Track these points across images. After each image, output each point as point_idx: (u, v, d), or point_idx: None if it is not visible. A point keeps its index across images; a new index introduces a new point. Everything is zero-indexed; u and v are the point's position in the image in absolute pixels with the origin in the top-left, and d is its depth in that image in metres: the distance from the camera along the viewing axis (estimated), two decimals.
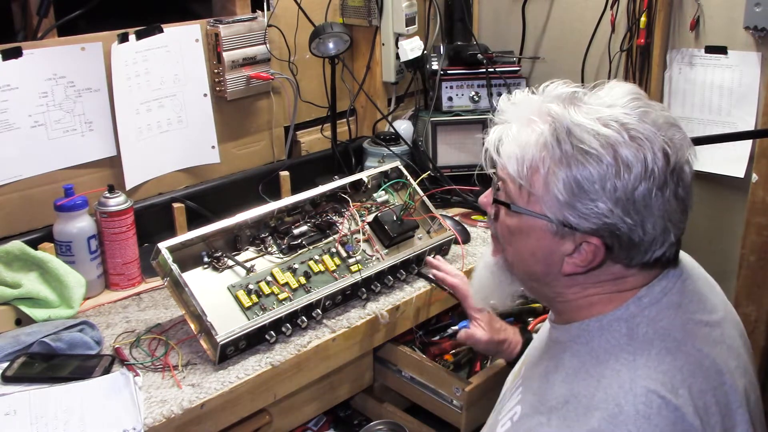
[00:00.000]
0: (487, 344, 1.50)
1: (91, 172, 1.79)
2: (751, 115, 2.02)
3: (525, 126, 1.00)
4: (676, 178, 0.96)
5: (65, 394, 1.28)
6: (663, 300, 1.01)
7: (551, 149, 0.96)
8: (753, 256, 2.01)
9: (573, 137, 0.95)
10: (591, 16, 2.25)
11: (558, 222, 0.97)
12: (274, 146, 2.16)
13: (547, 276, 1.04)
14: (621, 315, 1.01)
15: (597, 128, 0.94)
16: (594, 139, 0.94)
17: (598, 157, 0.93)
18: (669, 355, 0.96)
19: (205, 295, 1.39)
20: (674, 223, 0.97)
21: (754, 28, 1.95)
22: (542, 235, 1.00)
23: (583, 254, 0.99)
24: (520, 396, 1.09)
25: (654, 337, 0.98)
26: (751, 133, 2.04)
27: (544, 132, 0.97)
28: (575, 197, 0.95)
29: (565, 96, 1.00)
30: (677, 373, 0.94)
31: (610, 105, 0.98)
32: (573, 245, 0.98)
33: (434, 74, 2.24)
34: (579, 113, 0.97)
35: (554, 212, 0.97)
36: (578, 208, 0.95)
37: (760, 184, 1.97)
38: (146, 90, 1.85)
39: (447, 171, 2.16)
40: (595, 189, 0.94)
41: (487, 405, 1.54)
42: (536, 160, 0.97)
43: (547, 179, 0.96)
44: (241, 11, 2.01)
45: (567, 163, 0.95)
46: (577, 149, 0.94)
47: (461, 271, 1.71)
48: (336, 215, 1.66)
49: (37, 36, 1.68)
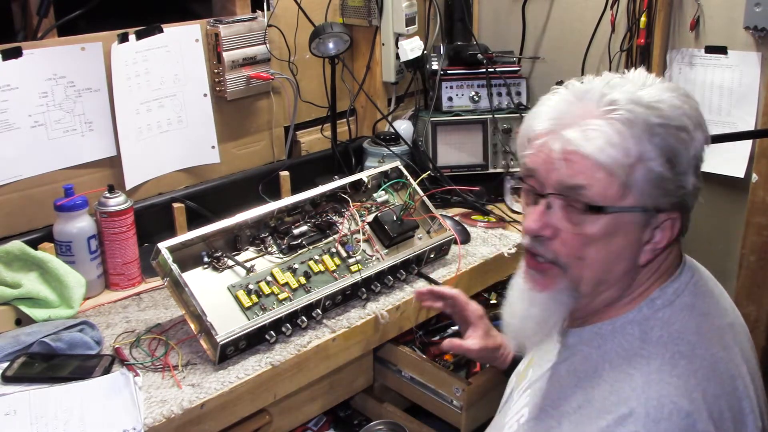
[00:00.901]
0: (479, 353, 1.45)
1: (91, 172, 1.79)
2: (751, 115, 2.02)
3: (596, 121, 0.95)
4: None
5: (65, 394, 1.28)
6: (676, 302, 1.00)
7: (640, 131, 0.93)
8: (753, 256, 2.01)
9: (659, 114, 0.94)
10: (591, 16, 2.25)
11: (651, 208, 0.96)
12: (274, 146, 2.16)
13: (620, 276, 1.00)
14: (634, 317, 1.00)
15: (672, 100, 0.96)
16: (673, 111, 0.95)
17: (683, 127, 0.95)
18: (683, 359, 0.95)
19: (205, 295, 1.39)
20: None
21: (754, 28, 1.95)
22: (629, 230, 0.97)
23: (660, 235, 0.98)
24: (527, 399, 1.09)
25: (668, 341, 0.96)
26: (751, 133, 2.04)
27: (628, 119, 0.94)
28: (669, 174, 0.95)
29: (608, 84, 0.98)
30: (691, 378, 0.93)
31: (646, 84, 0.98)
32: (651, 230, 0.98)
33: (434, 74, 2.24)
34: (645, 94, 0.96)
35: (647, 199, 0.95)
36: (668, 187, 0.95)
37: (760, 184, 1.97)
38: (146, 90, 1.85)
39: (447, 171, 2.16)
40: (685, 161, 0.95)
41: (487, 405, 1.55)
42: (632, 146, 0.93)
43: (645, 163, 0.93)
44: (241, 11, 2.01)
45: (663, 144, 0.94)
46: (666, 127, 0.94)
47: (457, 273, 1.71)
48: (336, 215, 1.65)
49: (37, 36, 1.68)
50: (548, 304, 1.03)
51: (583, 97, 0.98)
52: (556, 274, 1.02)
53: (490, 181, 2.14)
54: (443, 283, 1.68)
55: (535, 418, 1.03)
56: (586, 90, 0.98)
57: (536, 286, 1.04)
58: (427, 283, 1.67)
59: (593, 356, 1.01)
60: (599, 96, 0.96)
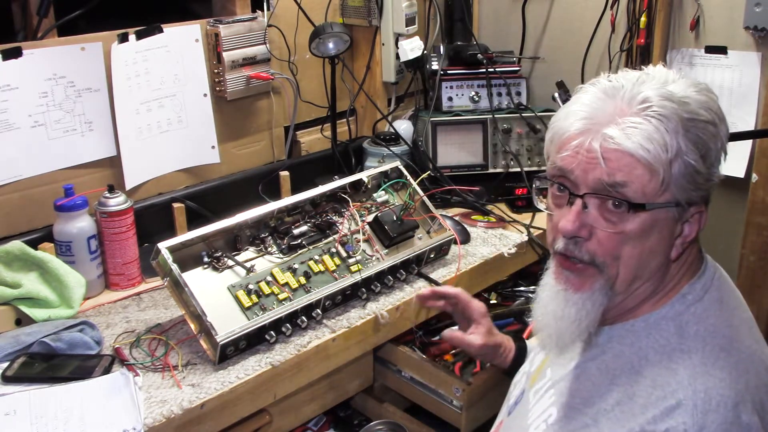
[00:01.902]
0: (480, 349, 1.43)
1: (91, 172, 1.79)
2: (751, 115, 2.02)
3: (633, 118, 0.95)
4: None
5: (65, 394, 1.28)
6: (705, 297, 1.01)
7: (675, 127, 0.94)
8: (753, 256, 2.01)
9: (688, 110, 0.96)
10: (591, 16, 2.25)
11: (684, 203, 0.98)
12: (274, 146, 2.16)
13: (658, 270, 1.01)
14: (667, 314, 1.01)
15: (697, 96, 0.97)
16: (700, 107, 0.97)
17: (712, 122, 0.97)
18: (723, 351, 0.96)
19: (205, 295, 1.39)
20: None
21: (754, 28, 1.95)
22: (664, 226, 0.98)
23: (689, 229, 1.00)
24: (553, 398, 1.08)
25: (705, 335, 0.98)
26: (751, 133, 2.04)
27: (663, 115, 0.94)
28: (702, 168, 0.96)
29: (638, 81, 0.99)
30: (733, 370, 0.94)
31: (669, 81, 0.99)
32: (682, 225, 1.00)
33: (434, 74, 2.24)
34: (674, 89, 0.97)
35: (682, 193, 0.97)
36: (699, 181, 0.97)
37: (760, 184, 1.97)
38: (146, 90, 1.85)
39: (447, 171, 2.16)
40: (714, 154, 0.97)
41: (487, 405, 1.55)
42: (670, 146, 0.94)
43: (683, 160, 0.95)
44: (241, 11, 2.01)
45: (696, 138, 0.96)
46: (696, 122, 0.96)
47: (457, 273, 1.71)
48: (336, 215, 1.65)
49: (37, 36, 1.68)
50: (584, 303, 1.02)
51: (614, 95, 0.98)
52: (592, 274, 1.01)
53: (490, 181, 2.14)
54: (443, 283, 1.67)
55: (566, 416, 1.03)
56: (617, 88, 0.99)
57: (571, 286, 1.03)
58: (428, 283, 1.67)
59: (626, 353, 1.01)
60: (631, 93, 0.97)
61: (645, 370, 0.98)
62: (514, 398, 1.25)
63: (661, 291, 1.03)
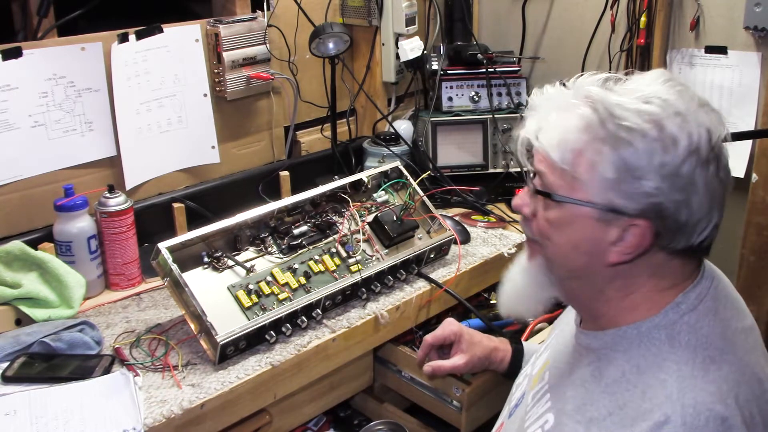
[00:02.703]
0: (467, 366, 1.45)
1: (91, 172, 1.79)
2: (751, 115, 2.02)
3: (564, 111, 0.98)
4: (716, 157, 0.94)
5: (65, 394, 1.28)
6: (699, 307, 0.99)
7: (595, 130, 0.94)
8: (753, 256, 2.01)
9: (615, 116, 0.94)
10: (591, 16, 2.25)
11: (603, 207, 0.95)
12: (274, 146, 2.16)
13: (589, 270, 1.01)
14: (659, 322, 0.99)
15: (639, 106, 0.94)
16: (637, 116, 0.93)
17: (643, 133, 0.92)
18: (713, 364, 0.94)
19: (205, 295, 1.39)
20: (719, 206, 0.96)
21: (754, 28, 1.95)
22: (586, 224, 0.97)
23: (629, 240, 0.96)
24: (549, 404, 1.08)
25: (696, 345, 0.96)
26: (751, 133, 2.04)
27: (585, 114, 0.95)
28: (622, 177, 0.93)
29: (601, 81, 1.00)
30: (723, 383, 0.92)
31: (648, 84, 0.97)
32: (618, 231, 0.96)
33: (434, 74, 2.24)
34: (619, 94, 0.96)
35: (600, 197, 0.95)
36: (624, 189, 0.93)
37: (760, 184, 1.97)
38: (146, 90, 1.85)
39: (447, 171, 2.16)
40: (642, 166, 0.92)
41: (487, 405, 1.55)
42: (580, 143, 0.95)
43: (592, 162, 0.94)
44: (241, 11, 2.01)
45: (612, 143, 0.93)
46: (621, 127, 0.93)
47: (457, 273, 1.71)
48: (336, 215, 1.65)
49: (37, 36, 1.68)
50: (530, 271, 1.09)
51: (573, 86, 1.01)
52: (536, 249, 1.08)
53: (490, 181, 2.14)
54: (443, 282, 1.68)
55: (560, 423, 1.02)
56: (580, 82, 1.01)
57: (526, 255, 1.12)
58: (427, 283, 1.67)
59: (619, 360, 1.00)
60: (583, 89, 0.99)
61: (636, 380, 0.96)
62: (515, 400, 1.24)
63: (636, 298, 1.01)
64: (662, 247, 0.97)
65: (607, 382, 0.99)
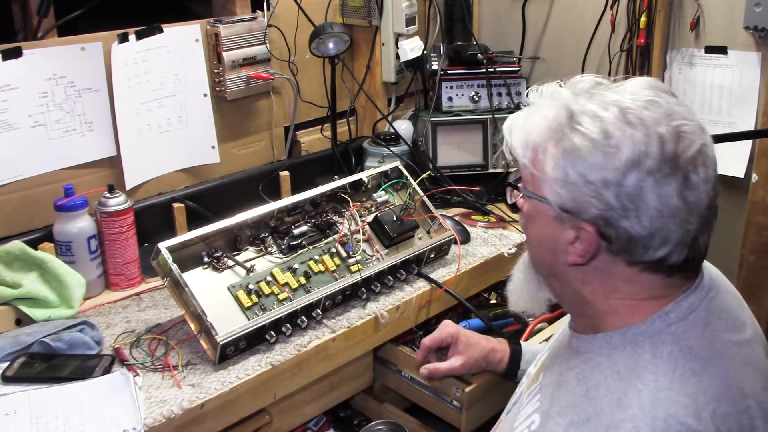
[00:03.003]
0: (464, 367, 1.46)
1: (91, 172, 1.79)
2: (751, 115, 2.02)
3: (536, 111, 1.02)
4: (681, 176, 0.92)
5: (65, 394, 1.28)
6: (690, 317, 0.98)
7: (554, 131, 0.97)
8: (753, 256, 2.01)
9: (575, 120, 0.96)
10: (591, 16, 2.25)
11: (557, 205, 0.97)
12: (274, 146, 2.16)
13: (556, 269, 1.03)
14: (645, 330, 0.98)
15: (597, 112, 0.95)
16: (592, 122, 0.94)
17: (590, 139, 0.93)
18: (693, 376, 0.93)
19: (205, 295, 1.39)
20: (680, 225, 0.93)
21: (754, 28, 1.95)
22: (546, 221, 1.00)
23: (583, 243, 0.97)
24: (537, 404, 1.08)
25: (679, 356, 0.95)
26: (751, 133, 2.04)
27: (550, 116, 0.98)
28: (571, 180, 0.95)
29: (585, 86, 1.01)
30: (701, 396, 0.91)
31: (625, 91, 0.98)
32: (574, 232, 0.98)
33: (434, 74, 2.24)
34: (588, 100, 0.97)
35: (553, 195, 0.97)
36: (573, 192, 0.95)
37: (760, 184, 1.97)
38: (146, 90, 1.85)
39: (447, 171, 2.16)
40: (588, 171, 0.94)
41: (487, 405, 1.55)
42: (538, 143, 0.99)
43: (546, 161, 0.97)
44: (241, 11, 2.01)
45: (565, 146, 0.95)
46: (575, 131, 0.95)
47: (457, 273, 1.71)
48: (336, 215, 1.65)
49: (37, 36, 1.68)
50: (525, 269, 1.14)
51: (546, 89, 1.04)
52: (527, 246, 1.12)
53: (490, 181, 2.14)
54: (443, 282, 1.68)
55: (543, 425, 1.02)
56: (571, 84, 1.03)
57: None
58: (428, 283, 1.67)
59: (602, 366, 0.99)
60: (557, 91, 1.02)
61: (615, 386, 0.95)
62: (515, 398, 1.25)
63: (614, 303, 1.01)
64: (617, 255, 0.97)
65: (588, 386, 0.99)
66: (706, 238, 0.98)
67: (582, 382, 1.00)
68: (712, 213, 0.97)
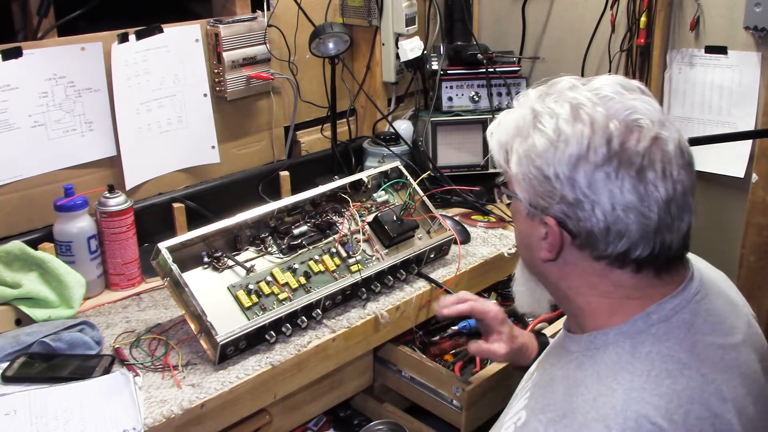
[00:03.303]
0: (506, 356, 1.44)
1: (91, 172, 1.79)
2: (751, 115, 2.02)
3: (508, 114, 1.06)
4: (635, 171, 0.92)
5: (65, 394, 1.28)
6: (673, 318, 0.98)
7: (519, 131, 1.01)
8: (753, 256, 2.01)
9: (536, 119, 0.99)
10: (591, 16, 2.25)
11: (525, 201, 1.01)
12: (274, 146, 2.16)
13: (534, 264, 1.07)
14: (627, 330, 0.98)
15: (555, 109, 0.98)
16: (549, 118, 0.98)
17: (547, 135, 0.97)
18: (669, 378, 0.93)
19: (205, 295, 1.39)
20: (637, 220, 0.93)
21: (754, 28, 1.95)
22: (521, 218, 1.04)
23: (550, 237, 1.00)
24: (526, 401, 1.08)
25: (656, 358, 0.95)
26: (751, 133, 2.04)
27: (518, 116, 1.02)
28: (532, 176, 0.98)
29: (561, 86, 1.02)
30: (674, 398, 0.91)
31: (583, 91, 0.99)
32: (544, 228, 1.00)
33: (434, 74, 2.24)
34: (554, 100, 1.00)
35: (522, 192, 1.01)
36: (536, 187, 0.98)
37: (760, 184, 1.97)
38: (146, 90, 1.85)
39: (447, 171, 2.16)
40: (544, 166, 0.96)
41: (487, 405, 1.55)
42: (509, 143, 1.03)
43: (513, 159, 1.01)
44: (241, 11, 2.01)
45: (527, 143, 0.99)
46: (535, 129, 0.98)
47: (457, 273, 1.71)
48: (336, 215, 1.65)
49: (37, 36, 1.68)
50: (521, 268, 1.16)
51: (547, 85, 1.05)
52: None
53: (490, 181, 2.14)
54: (443, 282, 1.68)
55: (527, 422, 1.02)
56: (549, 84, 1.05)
57: None
58: (428, 283, 1.67)
59: (585, 365, 1.00)
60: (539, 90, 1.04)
61: (592, 385, 0.96)
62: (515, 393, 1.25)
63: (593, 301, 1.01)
64: (582, 250, 0.99)
65: (569, 384, 0.99)
66: (677, 235, 0.97)
67: (566, 380, 1.01)
68: (678, 209, 0.95)
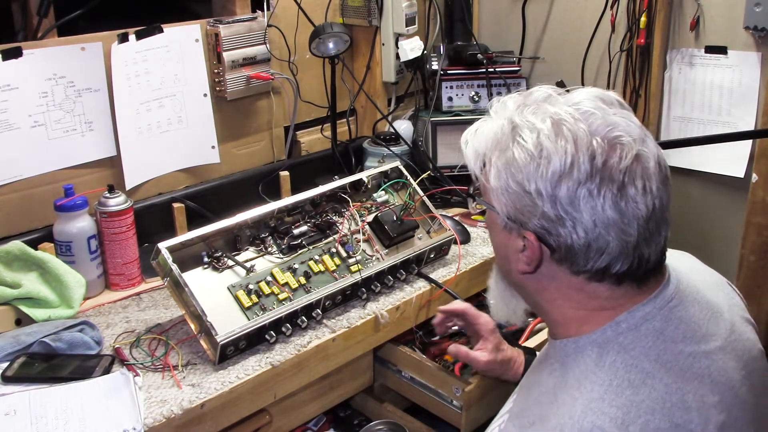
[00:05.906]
0: (486, 365, 1.44)
1: (91, 172, 1.79)
2: (751, 115, 2.02)
3: (484, 124, 1.04)
4: (616, 187, 0.92)
5: (65, 394, 1.28)
6: (642, 327, 0.97)
7: (497, 143, 1.00)
8: (753, 256, 2.01)
9: (516, 132, 0.98)
10: (591, 16, 2.25)
11: (503, 215, 1.00)
12: (274, 146, 2.16)
13: (511, 275, 1.06)
14: (596, 339, 0.98)
15: (536, 124, 0.96)
16: (529, 134, 0.96)
17: (528, 150, 0.95)
18: (630, 388, 0.92)
19: (205, 295, 1.39)
20: (617, 236, 0.93)
21: (754, 28, 1.95)
22: (498, 229, 1.03)
23: (528, 251, 0.99)
24: (511, 404, 1.09)
25: (620, 367, 0.94)
26: (751, 133, 2.04)
27: (494, 128, 1.01)
28: (512, 190, 0.97)
29: (538, 96, 1.01)
30: (632, 409, 0.90)
31: (563, 104, 0.98)
32: (521, 241, 0.99)
33: (434, 74, 2.24)
34: (532, 112, 0.99)
35: (500, 205, 1.00)
36: (515, 201, 0.97)
37: (760, 184, 1.97)
38: (146, 90, 1.85)
39: (447, 171, 2.16)
40: (525, 181, 0.95)
41: (487, 405, 1.55)
42: (485, 153, 1.02)
43: (491, 171, 0.99)
44: (241, 11, 2.01)
45: (506, 156, 0.98)
46: (515, 142, 0.97)
47: (457, 273, 1.71)
48: (336, 215, 1.66)
49: (37, 36, 1.68)
50: (495, 278, 1.16)
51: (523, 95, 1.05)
52: None
53: None
54: (443, 282, 1.68)
55: (506, 427, 1.03)
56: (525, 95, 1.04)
57: None
58: (428, 283, 1.67)
59: (556, 372, 1.00)
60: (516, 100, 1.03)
61: (558, 393, 0.96)
62: None
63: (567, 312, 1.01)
64: (561, 264, 0.98)
65: (541, 391, 1.00)
66: (654, 248, 0.97)
67: (538, 386, 1.02)
68: (656, 224, 0.95)
